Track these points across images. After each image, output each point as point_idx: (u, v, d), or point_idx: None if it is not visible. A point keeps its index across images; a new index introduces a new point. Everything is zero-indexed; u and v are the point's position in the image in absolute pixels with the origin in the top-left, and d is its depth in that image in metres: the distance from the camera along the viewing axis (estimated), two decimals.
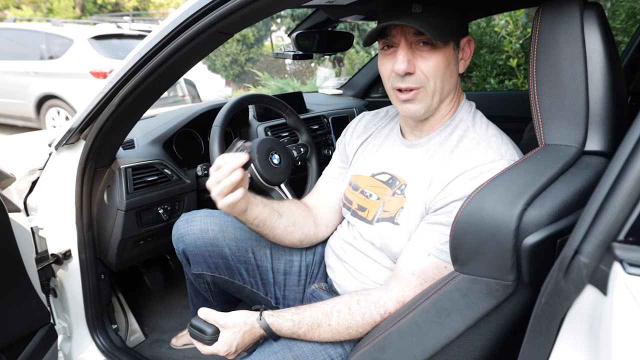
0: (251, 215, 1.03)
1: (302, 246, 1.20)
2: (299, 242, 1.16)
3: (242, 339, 0.94)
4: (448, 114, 0.98)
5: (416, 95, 0.92)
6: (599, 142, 0.70)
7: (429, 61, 0.89)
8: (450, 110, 0.98)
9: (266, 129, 1.88)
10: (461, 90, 1.01)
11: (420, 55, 0.89)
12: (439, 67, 0.89)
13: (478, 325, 0.69)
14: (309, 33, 1.76)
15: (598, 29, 0.70)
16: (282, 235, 1.11)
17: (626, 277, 0.42)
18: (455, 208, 0.84)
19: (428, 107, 0.93)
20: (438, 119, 0.98)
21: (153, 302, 1.92)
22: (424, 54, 0.89)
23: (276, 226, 1.09)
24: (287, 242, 1.14)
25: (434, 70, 0.89)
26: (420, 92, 0.91)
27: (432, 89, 0.91)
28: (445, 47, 0.89)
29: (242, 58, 11.85)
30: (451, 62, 0.92)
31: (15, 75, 5.75)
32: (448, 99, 0.96)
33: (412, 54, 0.89)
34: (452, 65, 0.92)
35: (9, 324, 1.03)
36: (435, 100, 0.93)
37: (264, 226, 1.07)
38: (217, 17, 0.89)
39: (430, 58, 0.89)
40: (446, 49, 0.90)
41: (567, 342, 0.50)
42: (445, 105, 0.97)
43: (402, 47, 0.89)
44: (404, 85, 0.91)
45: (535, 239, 0.60)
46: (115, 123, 1.18)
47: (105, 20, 7.07)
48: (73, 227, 1.34)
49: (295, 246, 1.18)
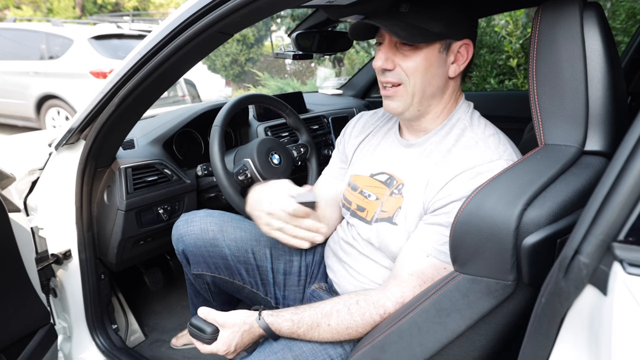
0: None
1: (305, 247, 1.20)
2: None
3: (242, 339, 0.94)
4: (442, 114, 0.97)
5: (395, 92, 0.94)
6: (598, 142, 0.70)
7: (409, 60, 0.90)
8: (443, 111, 0.97)
9: (266, 129, 1.88)
10: (460, 91, 1.00)
11: (402, 53, 0.91)
12: (418, 67, 0.90)
13: (478, 325, 0.69)
14: (309, 33, 1.76)
15: (598, 29, 0.70)
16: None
17: (626, 277, 0.42)
18: (454, 208, 0.84)
19: (407, 106, 0.94)
20: (431, 120, 0.98)
21: (153, 302, 1.92)
22: (405, 52, 0.91)
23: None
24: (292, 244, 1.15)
25: (413, 69, 0.90)
26: (399, 90, 0.93)
27: (411, 88, 0.92)
28: (427, 48, 0.89)
29: (242, 58, 11.85)
30: (434, 64, 0.91)
31: (15, 75, 5.74)
32: (437, 100, 0.96)
33: (394, 51, 0.92)
34: (435, 67, 0.91)
35: (9, 324, 1.03)
36: (415, 100, 0.93)
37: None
38: (217, 17, 0.89)
39: (410, 57, 0.90)
40: (428, 50, 0.90)
41: (567, 342, 0.50)
42: (435, 107, 0.96)
43: (385, 45, 0.93)
44: (384, 80, 0.94)
45: (535, 239, 0.60)
46: (115, 123, 1.18)
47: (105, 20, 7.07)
48: (73, 227, 1.34)
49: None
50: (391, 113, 0.99)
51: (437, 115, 0.98)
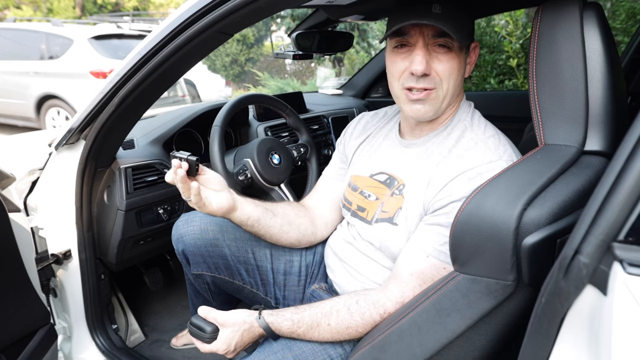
0: (243, 214, 1.04)
1: (300, 246, 1.20)
2: (296, 242, 1.17)
3: (241, 338, 0.94)
4: (450, 115, 0.98)
5: (428, 96, 0.91)
6: (598, 142, 0.70)
7: (445, 64, 0.88)
8: (451, 111, 0.98)
9: (266, 129, 1.88)
10: (462, 91, 1.01)
11: (437, 57, 0.89)
12: (453, 70, 0.89)
13: (478, 325, 0.69)
14: (309, 33, 1.76)
15: (598, 29, 0.70)
16: (278, 234, 1.12)
17: (626, 277, 0.42)
18: (453, 209, 0.84)
19: (437, 110, 0.93)
20: (440, 121, 0.98)
21: (153, 302, 1.92)
22: (440, 56, 0.88)
23: (271, 225, 1.09)
24: (285, 242, 1.15)
25: (449, 73, 0.89)
26: (432, 94, 0.91)
27: (444, 92, 0.91)
28: (459, 50, 0.90)
29: (242, 58, 11.85)
30: (462, 66, 0.92)
31: (15, 75, 5.75)
32: (453, 101, 0.96)
33: (429, 55, 0.89)
34: (462, 68, 0.92)
35: (9, 324, 1.03)
36: (444, 104, 0.93)
37: (259, 226, 1.08)
38: (217, 17, 0.89)
39: (445, 60, 0.88)
40: (460, 52, 0.90)
41: (567, 342, 0.50)
42: (449, 108, 0.97)
43: (420, 48, 0.88)
44: (417, 86, 0.90)
45: (535, 239, 0.60)
46: (115, 123, 1.18)
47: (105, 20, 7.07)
48: (73, 227, 1.34)
49: (294, 246, 1.18)
50: (418, 118, 0.95)
51: (447, 117, 0.98)
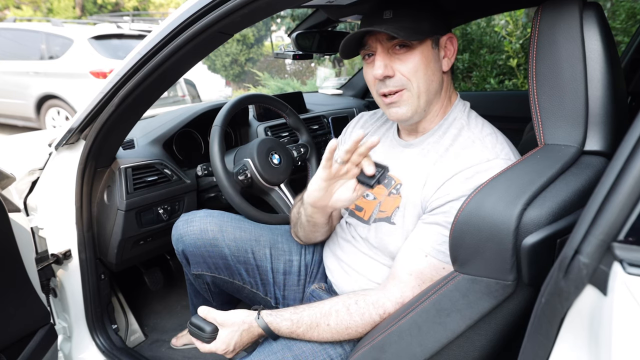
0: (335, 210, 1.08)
1: (310, 243, 1.22)
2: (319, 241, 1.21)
3: (241, 338, 0.94)
4: (439, 113, 0.98)
5: (400, 98, 0.93)
6: (598, 142, 0.70)
7: (407, 62, 0.90)
8: (440, 110, 0.98)
9: (266, 129, 1.88)
10: (453, 89, 1.01)
11: (398, 58, 0.91)
12: (419, 67, 0.90)
13: (478, 325, 0.69)
14: (309, 33, 1.76)
15: (597, 29, 0.70)
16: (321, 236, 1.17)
17: (626, 277, 0.42)
18: (451, 208, 0.84)
19: (415, 109, 0.94)
20: (430, 120, 0.98)
21: (153, 302, 1.92)
22: (400, 57, 0.91)
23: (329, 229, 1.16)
24: (313, 241, 1.19)
25: (414, 70, 0.90)
26: (404, 94, 0.92)
27: (416, 90, 0.92)
28: (421, 46, 0.90)
29: (242, 58, 11.85)
30: (431, 61, 0.92)
31: (15, 75, 5.74)
32: (437, 99, 0.96)
33: (390, 58, 0.92)
34: (432, 63, 0.92)
35: (9, 324, 1.03)
36: (422, 101, 0.93)
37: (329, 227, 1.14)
38: (217, 17, 0.89)
39: (407, 59, 0.90)
40: (423, 48, 0.90)
41: (567, 342, 0.50)
42: (434, 106, 0.97)
43: (379, 53, 0.92)
44: (386, 90, 0.93)
45: (535, 239, 0.60)
46: (115, 123, 1.18)
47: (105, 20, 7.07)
48: (73, 227, 1.34)
49: (310, 242, 1.22)
50: (398, 120, 0.98)
51: (435, 115, 0.98)
